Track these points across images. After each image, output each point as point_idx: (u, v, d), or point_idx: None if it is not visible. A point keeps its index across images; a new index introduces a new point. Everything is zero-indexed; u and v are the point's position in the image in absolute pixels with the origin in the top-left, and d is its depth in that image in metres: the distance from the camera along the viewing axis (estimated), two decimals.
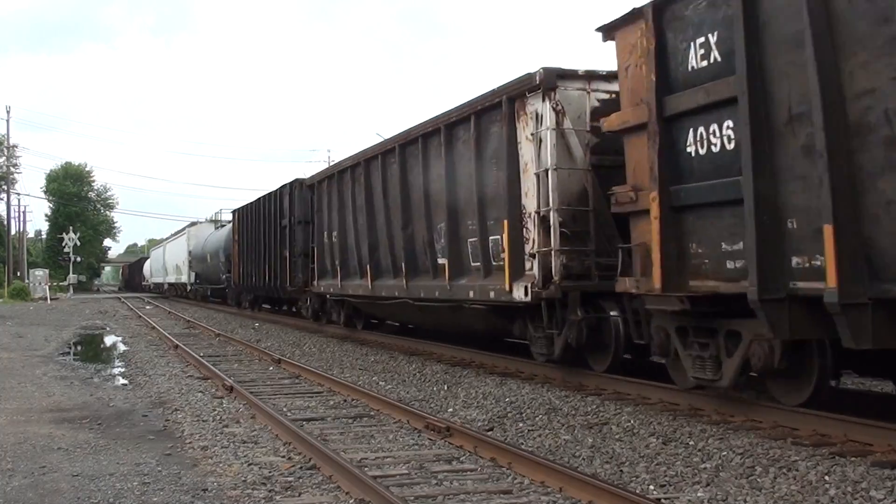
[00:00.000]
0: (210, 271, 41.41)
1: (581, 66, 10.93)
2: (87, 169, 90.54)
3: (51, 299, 51.70)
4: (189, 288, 49.57)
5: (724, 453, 6.86)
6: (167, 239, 64.63)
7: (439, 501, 5.81)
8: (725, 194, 7.62)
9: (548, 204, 10.56)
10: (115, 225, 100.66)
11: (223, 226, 42.41)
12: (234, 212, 34.36)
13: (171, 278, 57.12)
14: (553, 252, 10.50)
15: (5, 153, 71.84)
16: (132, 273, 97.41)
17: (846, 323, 6.35)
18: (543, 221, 10.63)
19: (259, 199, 28.53)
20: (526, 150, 11.06)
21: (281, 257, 24.60)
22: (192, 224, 52.00)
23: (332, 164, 25.88)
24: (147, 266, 76.57)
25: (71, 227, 68.91)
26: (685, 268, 8.18)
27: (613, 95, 10.22)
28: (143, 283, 78.52)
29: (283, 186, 25.09)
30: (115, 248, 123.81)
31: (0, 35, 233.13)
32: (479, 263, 12.39)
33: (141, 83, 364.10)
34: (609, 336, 10.46)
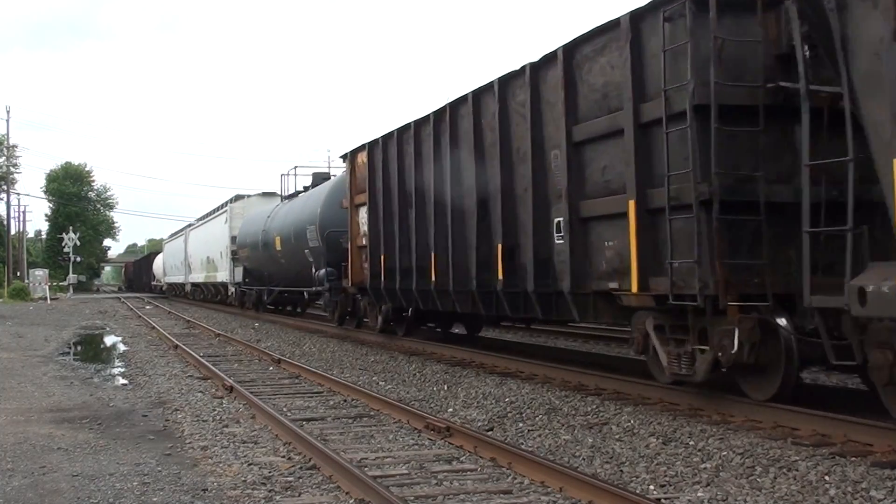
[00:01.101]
0: (278, 266, 26.07)
1: None
2: (87, 169, 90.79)
3: (50, 299, 51.66)
4: (233, 291, 33.82)
5: (724, 453, 6.85)
6: (192, 225, 48.15)
7: (439, 501, 5.81)
8: None
9: None
10: (115, 225, 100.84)
11: (293, 195, 27.31)
12: (354, 152, 17.79)
13: (198, 276, 42.86)
14: None
15: (5, 153, 71.97)
16: (138, 271, 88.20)
17: None
18: None
19: (468, 94, 12.38)
20: None
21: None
22: (237, 198, 35.83)
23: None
24: (159, 262, 63.86)
25: (71, 227, 68.88)
26: None
27: None
28: (154, 284, 67.83)
29: (610, 26, 9.16)
30: (115, 248, 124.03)
31: (2, 34, 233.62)
32: None
33: (142, 83, 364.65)
34: None
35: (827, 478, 6.03)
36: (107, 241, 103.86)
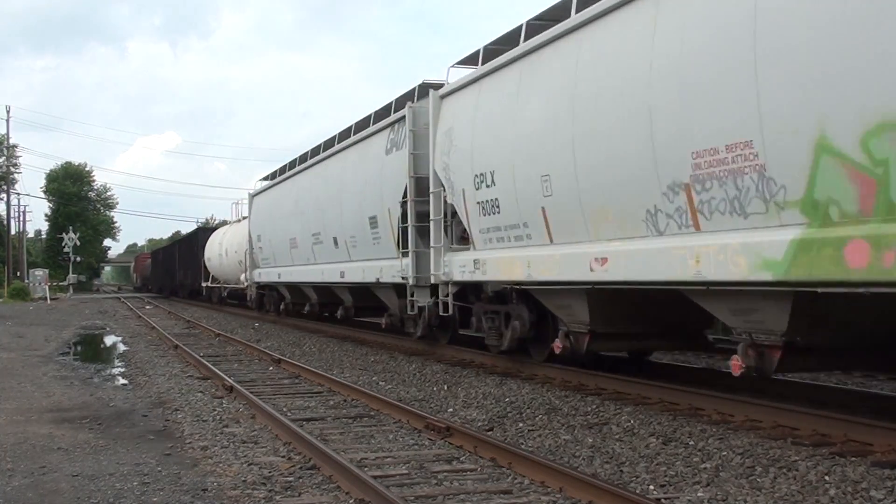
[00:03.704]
0: None
1: None
2: (87, 169, 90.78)
3: (50, 299, 51.67)
4: None
5: (724, 453, 6.86)
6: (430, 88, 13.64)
7: (439, 501, 5.81)
8: None
9: None
10: (115, 225, 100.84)
11: None
12: None
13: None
14: None
15: (5, 153, 71.96)
16: (165, 264, 58.98)
17: None
18: None
19: None
20: None
21: None
22: None
23: None
24: (230, 239, 32.94)
25: (71, 227, 68.89)
26: None
27: None
28: (209, 285, 38.35)
29: None
30: (115, 247, 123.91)
31: (5, 35, 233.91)
32: None
33: (142, 83, 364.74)
34: None
35: (827, 478, 6.03)
36: (107, 241, 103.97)
